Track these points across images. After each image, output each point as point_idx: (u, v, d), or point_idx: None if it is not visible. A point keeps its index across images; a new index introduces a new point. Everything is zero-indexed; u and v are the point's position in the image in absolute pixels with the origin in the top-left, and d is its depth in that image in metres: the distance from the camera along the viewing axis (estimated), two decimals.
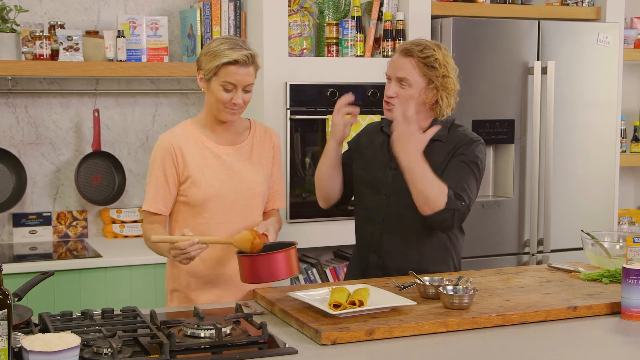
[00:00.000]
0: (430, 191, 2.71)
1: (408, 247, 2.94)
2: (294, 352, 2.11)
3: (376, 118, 3.96)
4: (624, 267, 2.42)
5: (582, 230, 3.13)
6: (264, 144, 2.93)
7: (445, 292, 2.43)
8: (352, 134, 3.16)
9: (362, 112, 3.98)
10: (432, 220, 2.76)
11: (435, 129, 2.81)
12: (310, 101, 3.97)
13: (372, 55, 4.22)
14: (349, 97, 2.95)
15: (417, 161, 2.71)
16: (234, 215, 2.82)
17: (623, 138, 4.98)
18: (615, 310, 2.47)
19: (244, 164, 2.86)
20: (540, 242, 4.35)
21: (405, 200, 2.87)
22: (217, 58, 2.72)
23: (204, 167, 2.81)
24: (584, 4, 4.62)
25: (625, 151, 5.09)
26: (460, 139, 2.91)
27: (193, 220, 2.82)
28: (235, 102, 2.75)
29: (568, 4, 4.66)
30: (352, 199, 3.12)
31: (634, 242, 2.71)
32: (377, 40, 4.24)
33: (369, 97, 4.03)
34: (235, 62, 2.71)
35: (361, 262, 3.01)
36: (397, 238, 2.93)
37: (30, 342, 1.85)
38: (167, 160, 2.80)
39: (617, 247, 3.05)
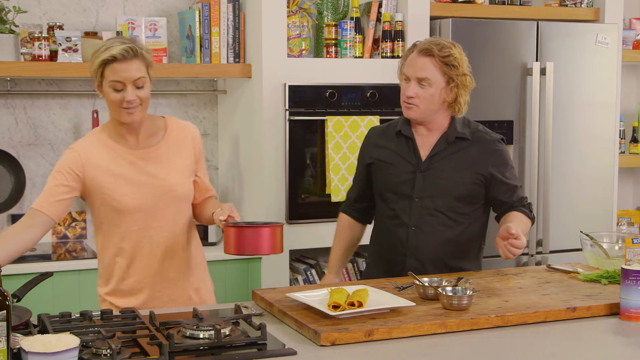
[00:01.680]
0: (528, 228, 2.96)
1: (446, 249, 2.95)
2: (293, 353, 2.11)
3: (375, 119, 3.96)
4: (622, 268, 2.42)
5: (581, 231, 3.13)
6: (182, 141, 2.83)
7: (444, 293, 2.43)
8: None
9: (361, 114, 4.01)
10: None
11: None
12: (309, 102, 3.97)
13: (371, 56, 4.22)
14: None
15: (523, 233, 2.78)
16: (154, 220, 2.74)
17: (622, 139, 4.98)
18: (614, 311, 2.47)
19: (160, 167, 2.76)
20: (539, 243, 4.35)
21: (438, 201, 2.91)
22: (95, 59, 2.63)
23: (117, 175, 2.71)
24: (582, 5, 4.62)
25: (624, 152, 5.08)
26: (485, 140, 2.98)
27: (115, 228, 2.74)
28: (127, 99, 2.61)
29: (567, 5, 4.66)
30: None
31: (632, 242, 2.70)
32: (375, 41, 4.24)
33: (368, 98, 4.03)
34: (114, 59, 2.58)
35: (396, 265, 2.98)
36: (436, 241, 2.94)
37: (29, 343, 1.84)
38: (69, 173, 2.69)
39: (616, 248, 3.05)
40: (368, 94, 4.04)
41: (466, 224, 2.97)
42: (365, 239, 3.20)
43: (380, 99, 4.05)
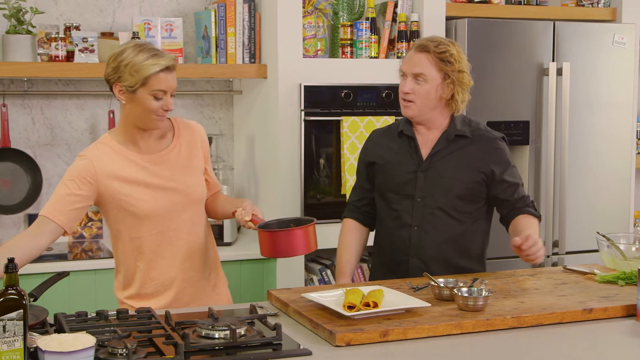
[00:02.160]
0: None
1: (450, 248, 2.95)
2: (308, 353, 2.11)
3: (390, 119, 3.96)
4: None
5: (597, 232, 3.11)
6: (190, 141, 2.83)
7: (459, 293, 2.42)
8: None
9: (376, 114, 4.01)
10: None
11: None
12: (324, 102, 3.97)
13: (387, 57, 4.22)
14: None
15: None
16: (173, 223, 2.75)
17: (639, 139, 4.95)
18: (631, 312, 2.46)
19: (173, 170, 2.76)
20: (555, 244, 4.33)
21: (440, 200, 2.92)
22: (145, 68, 2.59)
23: (132, 181, 2.70)
24: (599, 5, 4.60)
25: None
26: (486, 137, 2.99)
27: (134, 233, 2.74)
28: (167, 108, 2.65)
29: (583, 5, 4.64)
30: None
31: None
32: (391, 42, 4.24)
33: (383, 98, 4.03)
34: (166, 69, 2.62)
35: (400, 266, 2.97)
36: (439, 240, 2.94)
37: (46, 342, 1.86)
38: (82, 182, 2.66)
39: (633, 248, 3.04)
40: (383, 94, 4.03)
41: (469, 222, 2.97)
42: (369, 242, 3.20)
43: (395, 99, 4.01)
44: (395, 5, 4.21)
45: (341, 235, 3.17)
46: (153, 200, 2.72)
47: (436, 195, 2.92)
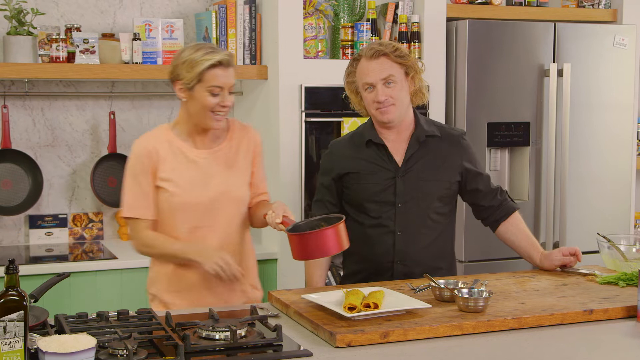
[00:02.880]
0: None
1: (431, 251, 2.96)
2: (308, 354, 2.11)
3: None
4: None
5: (598, 233, 3.12)
6: (242, 144, 2.87)
7: (460, 295, 2.42)
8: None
9: None
10: None
11: None
12: (325, 103, 3.97)
13: None
14: None
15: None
16: (208, 219, 2.77)
17: (639, 140, 4.95)
18: (632, 313, 2.46)
19: (220, 168, 2.81)
20: (555, 245, 4.33)
21: (422, 203, 2.93)
22: (199, 63, 2.67)
23: (178, 171, 2.76)
24: (600, 6, 4.60)
25: None
26: (453, 135, 3.04)
27: (169, 226, 2.79)
28: (224, 104, 2.71)
29: (584, 6, 4.64)
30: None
31: None
32: None
33: None
34: (219, 64, 2.68)
35: (383, 273, 2.96)
36: (422, 244, 2.95)
37: (47, 343, 1.86)
38: (143, 165, 2.75)
39: (634, 250, 3.04)
40: None
41: (445, 224, 3.01)
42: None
43: None
44: (396, 7, 4.21)
45: None
46: (192, 193, 2.75)
47: (417, 198, 2.93)
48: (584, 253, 3.02)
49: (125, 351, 1.98)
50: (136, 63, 3.93)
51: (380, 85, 2.87)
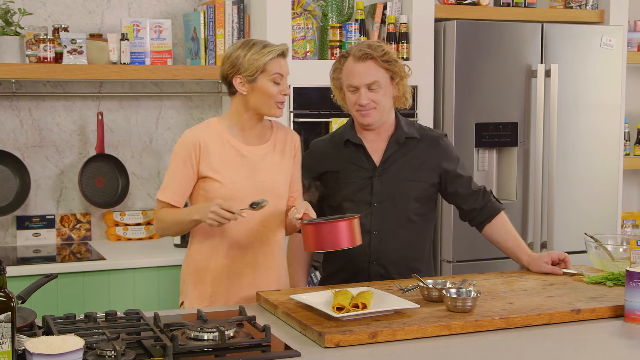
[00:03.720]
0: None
1: (408, 252, 2.96)
2: (297, 354, 2.11)
3: None
4: (627, 270, 2.42)
5: (585, 234, 3.13)
6: (286, 144, 2.93)
7: (448, 295, 2.43)
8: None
9: None
10: None
11: None
12: (313, 104, 3.97)
13: None
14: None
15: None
16: (253, 214, 2.79)
17: (627, 141, 4.98)
18: (619, 313, 2.47)
19: (267, 164, 2.86)
20: (543, 245, 4.35)
21: (398, 204, 2.94)
22: (263, 56, 2.76)
23: (227, 164, 2.81)
24: (587, 7, 4.62)
25: (628, 154, 5.08)
26: (432, 136, 3.03)
27: None
28: (285, 92, 2.79)
29: (571, 7, 4.65)
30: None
31: (637, 244, 2.70)
32: None
33: None
34: (282, 55, 2.79)
35: (360, 273, 2.97)
36: (398, 244, 2.95)
37: (34, 344, 1.85)
38: (189, 155, 2.80)
39: (621, 250, 3.05)
40: None
41: (423, 225, 3.01)
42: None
43: None
44: (384, 7, 4.22)
45: (289, 251, 3.14)
46: (235, 185, 2.78)
47: (394, 198, 2.94)
48: (571, 253, 3.04)
49: (113, 352, 1.97)
50: (124, 63, 3.92)
51: (364, 89, 2.88)
